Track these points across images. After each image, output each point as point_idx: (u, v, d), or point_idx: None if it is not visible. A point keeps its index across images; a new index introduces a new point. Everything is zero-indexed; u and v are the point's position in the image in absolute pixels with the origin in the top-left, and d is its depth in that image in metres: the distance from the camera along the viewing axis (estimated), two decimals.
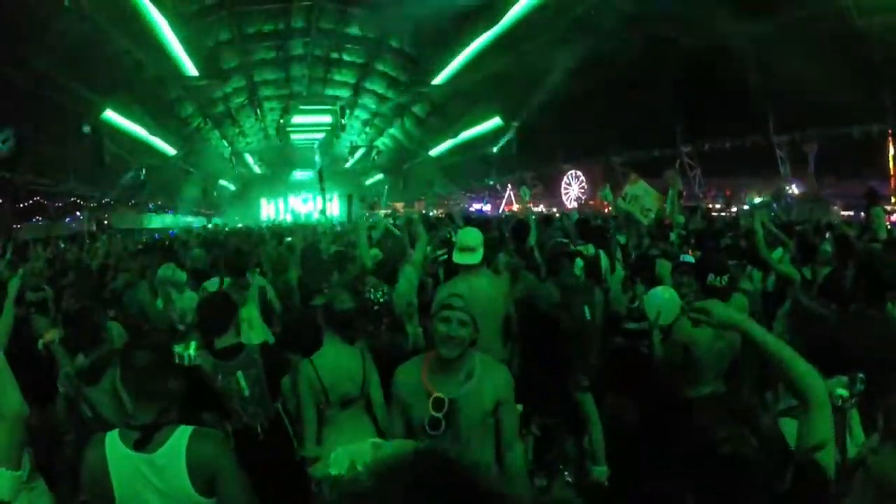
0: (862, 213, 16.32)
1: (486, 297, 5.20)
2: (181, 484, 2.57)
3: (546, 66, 22.68)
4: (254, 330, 5.80)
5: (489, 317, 5.08)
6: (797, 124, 17.81)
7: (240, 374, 4.16)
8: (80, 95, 20.53)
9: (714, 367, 4.57)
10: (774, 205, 16.82)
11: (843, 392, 2.71)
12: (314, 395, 4.04)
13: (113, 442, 2.63)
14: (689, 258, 5.87)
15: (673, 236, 8.99)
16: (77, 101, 20.73)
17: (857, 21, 13.71)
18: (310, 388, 4.04)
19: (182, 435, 2.64)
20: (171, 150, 29.62)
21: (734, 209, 20.12)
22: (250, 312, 5.85)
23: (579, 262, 6.56)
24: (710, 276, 4.67)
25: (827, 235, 9.60)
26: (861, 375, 2.79)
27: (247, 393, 4.15)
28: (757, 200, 19.38)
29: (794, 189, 18.82)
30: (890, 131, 16.10)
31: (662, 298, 4.97)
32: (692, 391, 4.61)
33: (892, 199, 15.63)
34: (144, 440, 2.60)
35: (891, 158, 16.53)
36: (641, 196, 10.37)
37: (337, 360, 4.12)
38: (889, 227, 10.44)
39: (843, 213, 17.05)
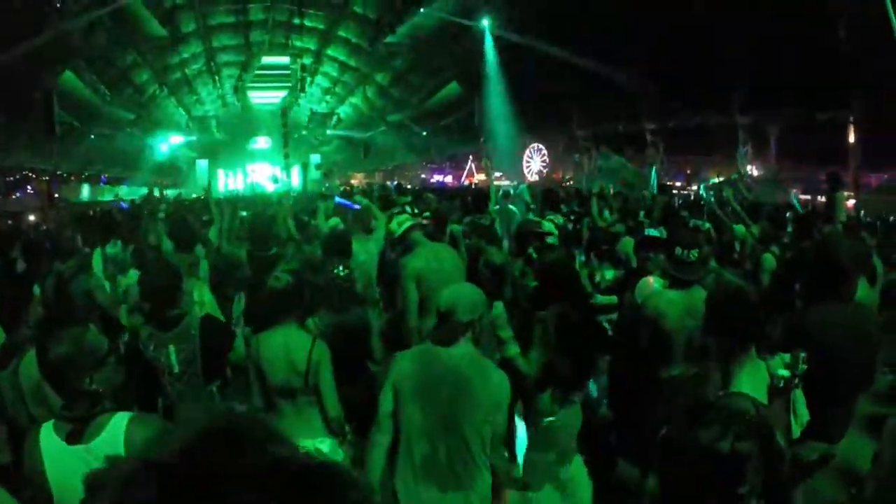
0: (820, 198, 16.61)
1: (453, 265, 5.36)
2: None
3: (510, 36, 22.57)
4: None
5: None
6: (760, 106, 17.82)
7: (171, 347, 3.91)
8: (30, 62, 19.74)
9: (683, 346, 4.48)
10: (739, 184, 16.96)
11: (784, 372, 2.65)
12: (256, 377, 3.91)
13: (47, 434, 2.53)
14: (654, 231, 5.78)
15: (641, 214, 8.97)
16: (28, 67, 19.93)
17: (830, 5, 13.74)
18: (251, 368, 3.92)
19: (119, 422, 2.53)
20: (126, 119, 28.81)
21: (694, 187, 20.29)
22: (201, 294, 5.44)
23: (554, 230, 6.54)
24: (678, 250, 4.56)
25: (787, 216, 9.67)
26: (803, 354, 2.72)
27: (176, 370, 3.92)
28: (715, 180, 19.49)
29: (753, 171, 18.97)
30: (852, 119, 16.23)
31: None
32: (663, 371, 4.53)
33: (850, 186, 15.78)
34: (78, 432, 2.50)
35: (851, 146, 16.62)
36: (618, 170, 10.35)
37: (281, 345, 3.89)
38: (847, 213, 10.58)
39: (801, 196, 17.26)
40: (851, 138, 16.40)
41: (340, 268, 5.03)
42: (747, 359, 2.69)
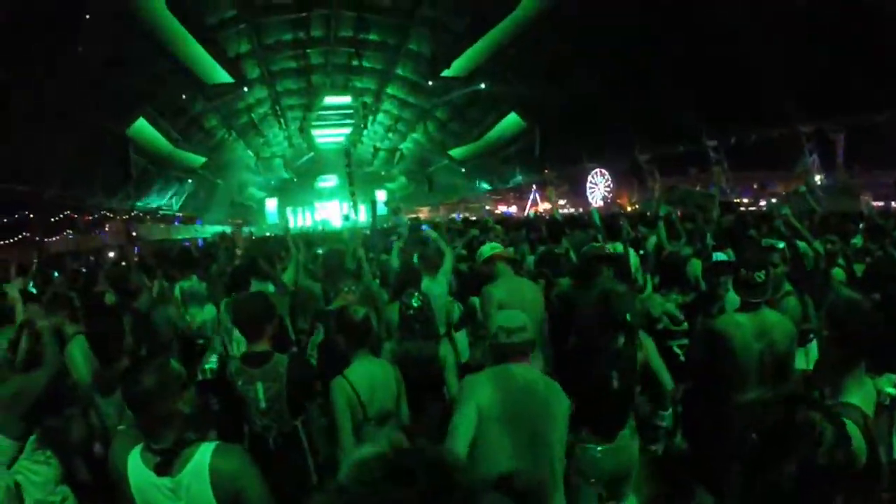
0: (894, 203, 16.01)
1: (533, 298, 5.43)
2: (206, 503, 2.54)
3: (567, 64, 22.62)
4: None
5: (535, 318, 5.12)
6: (822, 114, 17.35)
7: (259, 384, 4.00)
8: (106, 109, 20.77)
9: (756, 369, 4.40)
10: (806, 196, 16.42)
11: (892, 390, 2.59)
12: (352, 413, 3.93)
13: (135, 462, 2.61)
14: (721, 256, 5.69)
15: (709, 237, 8.81)
16: (105, 116, 20.95)
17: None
18: (347, 404, 3.92)
19: (204, 453, 2.59)
20: (196, 162, 29.93)
21: (762, 203, 19.84)
22: None
23: (635, 259, 6.54)
24: (744, 271, 4.49)
25: (860, 226, 9.40)
26: None
27: (263, 406, 4.00)
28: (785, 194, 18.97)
29: (820, 180, 18.39)
30: None
31: None
32: (736, 397, 4.45)
33: None
34: (165, 464, 2.57)
35: None
36: (687, 199, 10.21)
37: (371, 375, 4.01)
38: None
39: (874, 203, 16.69)
40: None
41: (418, 297, 5.08)
42: (858, 373, 2.68)
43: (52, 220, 21.75)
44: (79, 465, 4.15)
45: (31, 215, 20.50)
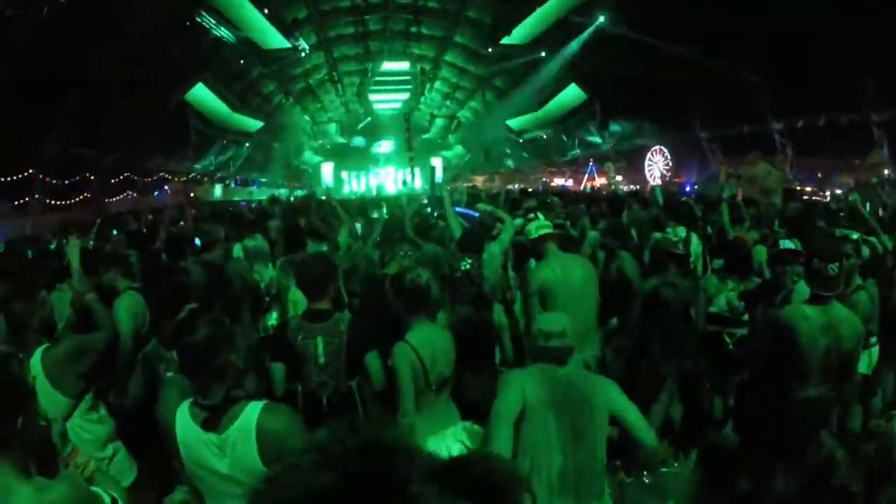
0: None
1: (581, 284, 5.25)
2: (251, 461, 2.55)
3: (627, 38, 22.13)
4: None
5: (584, 305, 5.15)
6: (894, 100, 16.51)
7: (320, 339, 4.06)
8: (166, 74, 21.03)
9: (819, 365, 4.21)
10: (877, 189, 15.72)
11: None
12: (415, 377, 3.94)
13: (182, 416, 2.67)
14: (789, 244, 5.44)
15: (776, 223, 8.51)
16: (164, 82, 21.22)
17: None
18: (411, 369, 3.92)
19: (252, 411, 2.61)
20: (254, 126, 30.19)
21: (827, 193, 19.14)
22: (295, 294, 5.69)
23: (697, 245, 6.43)
24: (816, 262, 4.28)
25: None
26: None
27: (322, 360, 4.05)
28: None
29: (890, 174, 17.57)
30: None
31: None
32: (799, 391, 4.27)
33: None
34: (213, 420, 2.61)
35: None
36: (762, 177, 9.87)
37: (432, 341, 4.05)
38: None
39: None
40: None
41: (468, 262, 5.05)
42: None
43: (112, 181, 22.18)
44: (132, 421, 4.18)
45: (92, 177, 20.91)
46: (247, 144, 32.88)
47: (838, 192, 18.11)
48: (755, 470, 4.69)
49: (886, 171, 17.10)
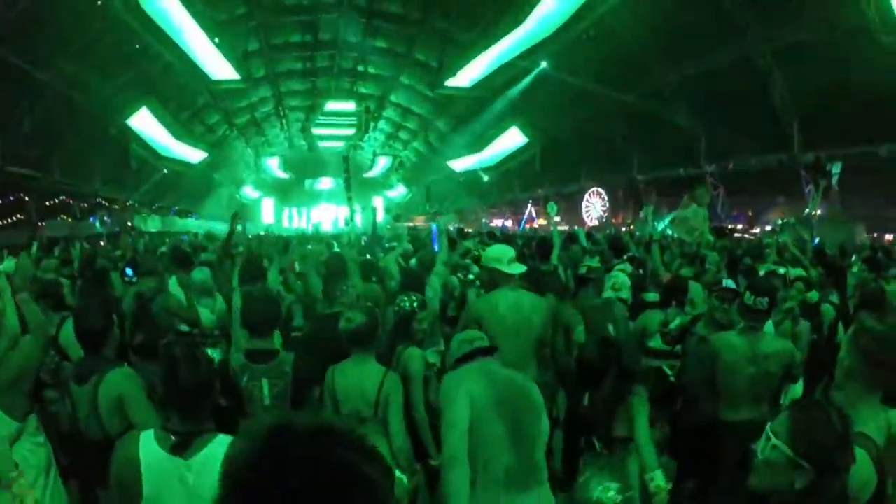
0: (887, 236, 16.11)
1: (524, 315, 5.13)
2: (212, 494, 2.50)
3: (567, 83, 22.77)
4: None
5: (522, 335, 5.04)
6: (823, 143, 17.48)
7: (265, 381, 4.05)
8: (110, 98, 20.85)
9: (749, 390, 4.50)
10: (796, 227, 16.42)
11: None
12: (329, 406, 4.07)
13: (148, 442, 2.65)
14: (730, 283, 5.75)
15: (711, 260, 8.83)
16: (106, 105, 21.04)
17: (884, 38, 13.48)
18: (328, 396, 4.07)
19: (220, 445, 2.63)
20: (196, 156, 29.89)
21: (756, 230, 19.96)
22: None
23: (626, 280, 6.55)
24: (748, 297, 4.59)
25: (853, 258, 9.51)
26: None
27: (267, 402, 4.04)
28: (780, 221, 19.03)
29: (815, 211, 18.45)
30: None
31: None
32: (727, 414, 4.54)
33: None
34: (182, 446, 2.63)
35: None
36: (691, 218, 10.30)
37: (354, 376, 4.07)
38: None
39: (868, 234, 16.90)
40: None
41: (408, 301, 5.07)
42: (874, 402, 2.71)
43: (48, 203, 21.73)
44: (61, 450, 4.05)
45: (27, 198, 20.48)
46: (188, 175, 32.43)
47: (768, 228, 18.93)
48: (692, 495, 4.92)
49: (811, 209, 17.90)
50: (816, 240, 11.57)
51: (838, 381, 2.87)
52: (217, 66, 22.22)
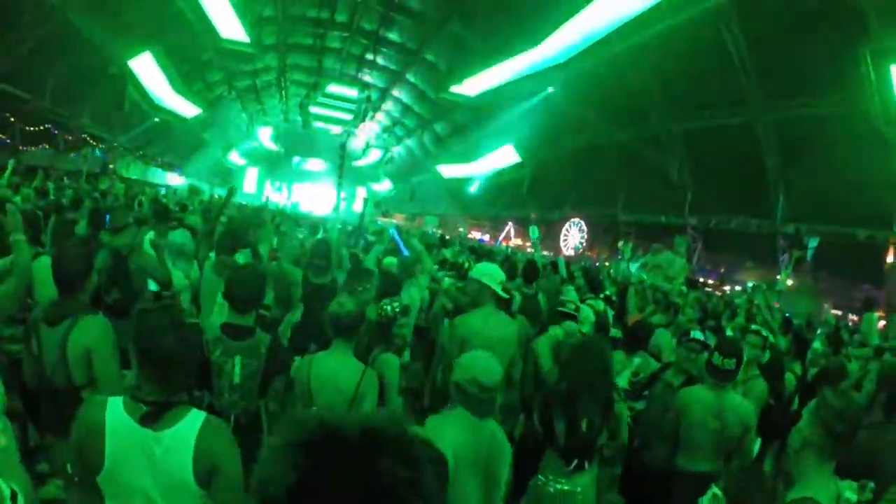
0: (851, 315, 16.54)
1: (504, 336, 5.14)
2: (182, 470, 2.46)
3: (569, 112, 22.98)
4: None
5: (502, 357, 4.79)
6: (804, 217, 17.99)
7: (238, 359, 3.86)
8: (115, 36, 20.58)
9: (711, 443, 4.60)
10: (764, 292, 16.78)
11: (852, 496, 2.73)
12: (301, 397, 3.94)
13: (115, 409, 2.50)
14: (698, 334, 5.85)
15: (687, 312, 8.94)
16: (111, 41, 20.76)
17: (882, 126, 13.87)
18: (298, 386, 3.93)
19: (194, 421, 2.52)
20: (191, 111, 29.47)
21: (727, 288, 20.28)
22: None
23: (591, 316, 6.58)
24: (717, 357, 4.69)
25: (819, 331, 9.72)
26: (871, 485, 2.81)
27: (237, 380, 3.84)
28: (751, 284, 19.39)
29: (788, 281, 18.86)
30: (892, 240, 16.12)
31: None
32: (684, 464, 4.66)
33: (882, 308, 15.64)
34: (152, 416, 2.48)
35: (887, 266, 16.40)
36: (665, 266, 10.41)
37: (332, 368, 3.97)
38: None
39: (833, 311, 17.28)
40: (890, 258, 16.22)
41: (395, 305, 4.96)
42: (827, 471, 2.80)
43: (33, 129, 21.37)
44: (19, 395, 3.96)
45: (13, 118, 20.15)
46: (179, 127, 31.93)
47: (738, 288, 19.30)
48: None
49: (779, 277, 18.28)
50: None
51: (793, 448, 2.96)
52: (229, 25, 21.93)
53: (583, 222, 28.80)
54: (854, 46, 13.75)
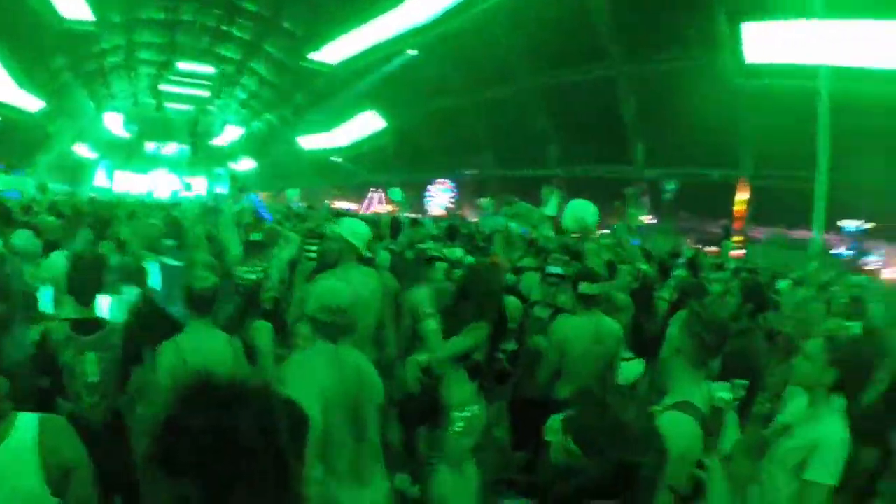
0: (707, 248, 17.96)
1: (371, 293, 4.97)
2: (30, 482, 2.19)
3: (433, 75, 23.13)
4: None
5: (366, 314, 4.76)
6: (662, 163, 19.16)
7: (91, 355, 3.58)
8: None
9: (591, 369, 4.93)
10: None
11: (726, 395, 2.99)
12: (175, 379, 3.51)
13: None
14: (556, 269, 6.12)
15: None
16: None
17: (733, 78, 15.05)
18: (171, 374, 3.49)
19: (28, 425, 2.25)
20: (34, 105, 27.47)
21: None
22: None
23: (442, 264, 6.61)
24: (583, 285, 5.03)
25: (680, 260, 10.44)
26: (742, 383, 3.12)
27: (94, 379, 3.57)
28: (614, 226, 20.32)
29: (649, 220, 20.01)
30: (741, 179, 17.63)
31: None
32: (564, 392, 4.91)
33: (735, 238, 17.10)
34: None
35: (737, 202, 18.30)
36: (524, 214, 10.75)
37: (206, 343, 3.73)
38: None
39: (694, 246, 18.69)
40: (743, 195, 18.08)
41: (257, 269, 4.93)
42: (700, 377, 3.10)
43: None
44: None
45: None
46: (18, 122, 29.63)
47: (606, 231, 20.25)
48: (524, 467, 5.27)
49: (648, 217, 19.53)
50: (638, 242, 12.57)
51: (665, 357, 3.28)
52: (70, 3, 20.55)
53: (450, 183, 29.14)
54: (710, 4, 14.91)
